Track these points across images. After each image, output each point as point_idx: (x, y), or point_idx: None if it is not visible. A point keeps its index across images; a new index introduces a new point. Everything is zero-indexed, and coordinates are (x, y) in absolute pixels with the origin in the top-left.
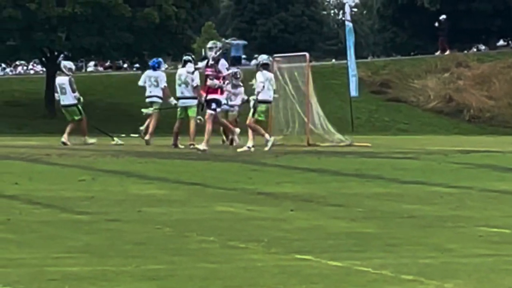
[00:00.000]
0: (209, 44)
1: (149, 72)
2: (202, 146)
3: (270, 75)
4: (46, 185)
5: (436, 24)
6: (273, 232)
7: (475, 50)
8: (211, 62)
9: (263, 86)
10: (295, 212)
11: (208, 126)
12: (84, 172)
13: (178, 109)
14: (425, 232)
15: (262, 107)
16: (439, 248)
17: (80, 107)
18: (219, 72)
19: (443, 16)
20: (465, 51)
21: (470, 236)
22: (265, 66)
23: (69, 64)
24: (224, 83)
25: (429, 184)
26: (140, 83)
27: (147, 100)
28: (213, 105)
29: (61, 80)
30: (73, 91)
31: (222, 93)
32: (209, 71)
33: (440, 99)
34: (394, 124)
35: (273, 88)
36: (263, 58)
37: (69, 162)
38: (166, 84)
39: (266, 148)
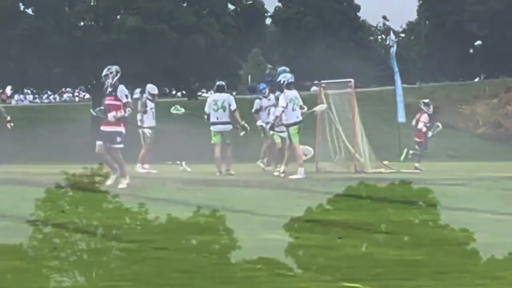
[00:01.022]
0: (104, 72)
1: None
2: (124, 184)
3: (294, 94)
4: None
5: (471, 50)
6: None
7: None
8: (109, 89)
9: (283, 110)
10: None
11: (119, 160)
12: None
13: (213, 135)
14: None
15: (294, 130)
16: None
17: (145, 132)
18: (119, 99)
19: (478, 42)
20: None
21: None
22: (289, 86)
23: (151, 88)
24: (125, 112)
25: (478, 211)
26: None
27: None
28: (118, 139)
29: None
30: (138, 113)
31: (124, 124)
32: (108, 100)
33: (489, 125)
34: (442, 150)
35: (299, 105)
36: (287, 77)
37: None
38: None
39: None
